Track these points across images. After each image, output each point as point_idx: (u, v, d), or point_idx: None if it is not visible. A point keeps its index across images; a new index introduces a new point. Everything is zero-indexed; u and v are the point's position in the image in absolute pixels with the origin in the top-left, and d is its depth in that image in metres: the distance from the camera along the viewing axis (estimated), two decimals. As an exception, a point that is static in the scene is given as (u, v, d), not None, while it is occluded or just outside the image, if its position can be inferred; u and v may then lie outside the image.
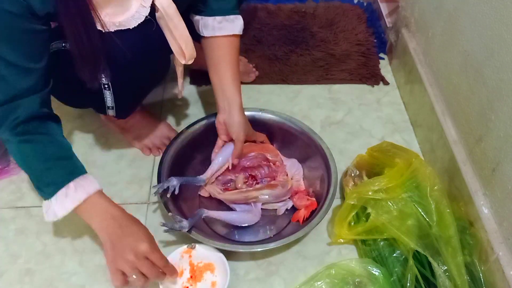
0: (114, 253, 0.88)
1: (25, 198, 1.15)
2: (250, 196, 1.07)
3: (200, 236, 0.98)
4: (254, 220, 1.07)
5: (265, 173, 1.13)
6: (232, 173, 1.12)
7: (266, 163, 1.13)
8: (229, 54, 1.06)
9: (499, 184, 0.91)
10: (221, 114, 1.07)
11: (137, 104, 1.17)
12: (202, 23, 1.05)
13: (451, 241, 0.93)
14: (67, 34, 0.81)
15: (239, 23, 1.06)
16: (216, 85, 1.07)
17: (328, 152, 1.11)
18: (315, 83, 1.45)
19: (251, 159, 1.12)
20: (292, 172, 1.14)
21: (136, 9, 0.88)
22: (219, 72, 1.06)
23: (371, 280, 0.94)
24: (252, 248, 1.01)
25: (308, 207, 1.07)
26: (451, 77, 1.11)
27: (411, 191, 0.99)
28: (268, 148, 1.15)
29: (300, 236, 1.00)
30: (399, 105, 1.39)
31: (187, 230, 0.96)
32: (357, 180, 1.13)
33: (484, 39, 0.96)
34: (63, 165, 0.91)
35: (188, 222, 0.96)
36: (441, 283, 0.90)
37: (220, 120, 1.08)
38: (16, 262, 1.04)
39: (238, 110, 1.05)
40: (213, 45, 1.06)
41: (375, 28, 1.63)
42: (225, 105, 1.06)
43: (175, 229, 0.96)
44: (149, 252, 0.87)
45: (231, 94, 1.05)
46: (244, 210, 1.08)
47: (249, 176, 1.13)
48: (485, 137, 0.96)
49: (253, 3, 1.69)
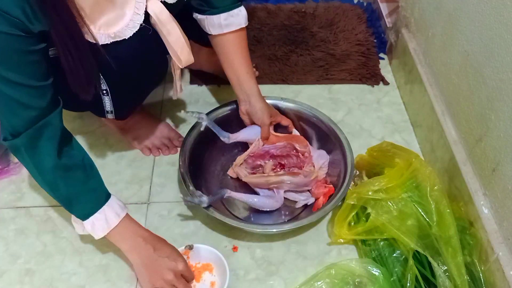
0: (150, 273, 0.94)
1: (25, 198, 1.15)
2: (270, 180, 1.09)
3: (217, 214, 1.00)
4: (275, 206, 1.09)
5: (293, 162, 1.15)
6: (262, 159, 1.15)
7: (295, 153, 1.15)
8: (239, 47, 1.09)
9: (499, 184, 0.91)
10: (242, 105, 1.12)
11: (136, 106, 1.17)
12: (208, 22, 1.06)
13: (451, 241, 0.93)
14: (58, 51, 0.80)
15: (243, 15, 1.07)
16: (233, 79, 1.11)
17: (346, 142, 1.13)
18: (315, 83, 1.44)
19: (280, 148, 1.15)
20: (319, 163, 1.15)
21: (131, 17, 0.87)
22: (233, 66, 1.10)
23: (371, 280, 0.94)
24: (266, 228, 1.04)
25: (326, 194, 1.09)
26: (451, 77, 1.11)
27: (411, 191, 0.99)
28: (298, 139, 1.17)
29: (314, 220, 1.03)
30: (399, 105, 1.39)
31: (205, 206, 0.98)
32: (357, 180, 1.13)
33: (484, 39, 0.96)
34: (93, 188, 0.93)
35: (208, 198, 0.98)
36: (441, 283, 0.90)
37: (243, 111, 1.13)
38: (16, 262, 1.04)
39: (257, 98, 1.10)
40: (223, 41, 1.08)
41: (375, 28, 1.63)
42: (244, 97, 1.11)
43: (195, 203, 0.98)
44: (186, 270, 0.95)
45: (248, 85, 1.10)
46: (267, 195, 1.10)
47: (278, 164, 1.15)
48: (485, 137, 0.96)
49: (253, 3, 1.69)
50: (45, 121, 0.85)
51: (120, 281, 1.01)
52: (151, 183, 1.18)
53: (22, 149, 0.86)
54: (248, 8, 1.64)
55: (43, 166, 0.88)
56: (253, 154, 1.14)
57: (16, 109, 0.82)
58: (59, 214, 1.12)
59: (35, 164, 0.88)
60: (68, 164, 0.90)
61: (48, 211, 1.12)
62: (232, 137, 1.13)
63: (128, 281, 1.01)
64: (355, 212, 1.04)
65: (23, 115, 0.83)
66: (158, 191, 1.17)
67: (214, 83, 1.42)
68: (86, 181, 0.92)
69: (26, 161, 0.88)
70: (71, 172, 0.90)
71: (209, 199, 0.99)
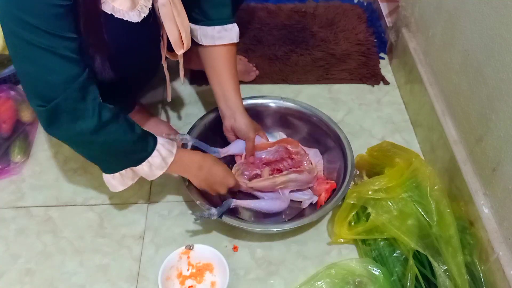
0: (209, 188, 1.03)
1: (25, 198, 1.15)
2: (278, 181, 1.08)
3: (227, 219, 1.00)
4: (283, 207, 1.09)
5: (288, 165, 1.15)
6: (257, 167, 1.14)
7: (288, 155, 1.15)
8: (228, 62, 1.09)
9: (500, 183, 0.91)
10: (227, 121, 1.12)
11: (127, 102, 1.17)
12: (201, 32, 1.07)
13: (451, 241, 0.93)
14: (82, 21, 0.80)
15: (236, 31, 1.09)
16: (219, 94, 1.11)
17: (346, 142, 1.13)
18: (315, 83, 1.44)
19: (273, 153, 1.15)
20: (315, 161, 1.16)
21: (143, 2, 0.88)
22: (221, 81, 1.10)
23: (372, 280, 0.94)
24: (266, 228, 1.04)
25: (328, 189, 1.09)
26: (451, 76, 1.11)
27: (411, 191, 0.99)
28: (287, 140, 1.17)
29: (314, 220, 1.03)
30: (399, 105, 1.39)
31: (216, 218, 0.98)
32: (357, 180, 1.13)
33: (484, 39, 0.96)
34: (140, 132, 0.93)
35: (217, 210, 0.98)
36: (441, 282, 0.90)
37: (228, 127, 1.13)
38: (16, 262, 1.04)
39: (243, 114, 1.11)
40: (213, 54, 1.09)
41: (375, 27, 1.63)
42: (229, 113, 1.11)
43: (204, 216, 0.98)
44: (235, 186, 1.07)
45: (233, 101, 1.10)
46: (272, 197, 1.10)
47: (274, 170, 1.15)
48: (486, 136, 0.96)
49: (253, 3, 1.69)
50: (85, 79, 0.82)
51: (120, 281, 1.01)
52: (151, 182, 1.18)
53: (63, 113, 0.82)
54: (248, 8, 1.66)
55: (87, 127, 0.85)
56: (248, 164, 1.14)
57: (54, 64, 0.79)
58: (59, 214, 1.12)
59: (78, 129, 0.84)
60: (109, 118, 0.87)
61: (48, 211, 1.12)
62: (222, 151, 1.13)
63: (128, 281, 1.01)
64: (355, 212, 1.04)
65: (62, 70, 0.80)
66: (158, 190, 1.17)
67: (214, 83, 1.42)
68: (132, 128, 0.91)
69: (66, 127, 0.84)
70: (115, 123, 0.88)
71: (218, 210, 0.99)
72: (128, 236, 1.08)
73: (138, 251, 1.06)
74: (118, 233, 1.08)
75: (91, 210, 1.13)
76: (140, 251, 1.06)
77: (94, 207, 1.13)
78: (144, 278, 1.01)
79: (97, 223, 1.10)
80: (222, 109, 1.12)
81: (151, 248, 1.06)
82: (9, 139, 1.21)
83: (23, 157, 1.21)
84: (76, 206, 1.13)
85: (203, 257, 1.00)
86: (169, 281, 0.97)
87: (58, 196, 1.15)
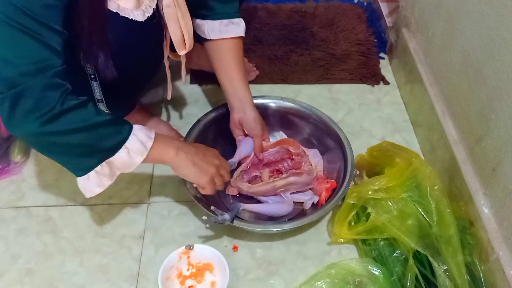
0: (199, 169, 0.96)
1: (25, 198, 1.15)
2: (278, 185, 1.08)
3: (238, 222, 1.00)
4: (289, 210, 1.09)
5: (288, 166, 1.15)
6: (256, 169, 1.14)
7: (288, 156, 1.15)
8: (236, 55, 1.09)
9: (500, 183, 0.91)
10: (236, 113, 1.10)
11: (128, 101, 1.17)
12: (208, 27, 1.07)
13: (451, 241, 0.93)
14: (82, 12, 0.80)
15: (243, 26, 1.09)
16: (227, 87, 1.10)
17: (346, 142, 1.13)
18: (315, 82, 1.44)
19: (273, 154, 1.15)
20: (315, 162, 1.16)
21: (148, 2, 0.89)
22: (229, 74, 1.09)
23: (372, 280, 0.94)
24: (266, 228, 1.04)
25: (329, 188, 1.09)
26: (451, 76, 1.11)
27: (411, 190, 0.99)
28: (288, 141, 1.17)
29: (314, 219, 1.03)
30: (399, 104, 1.39)
31: (229, 222, 0.98)
32: (357, 180, 1.13)
33: (484, 39, 0.96)
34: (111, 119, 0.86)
35: (229, 214, 0.98)
36: (441, 282, 0.90)
37: (235, 119, 1.11)
38: (16, 262, 1.04)
39: (252, 107, 1.09)
40: (220, 47, 1.09)
41: (375, 27, 1.63)
42: (239, 105, 1.09)
43: (218, 222, 0.97)
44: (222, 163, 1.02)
45: (243, 93, 1.09)
46: (277, 201, 1.10)
47: (274, 170, 1.15)
48: (486, 136, 0.96)
49: (253, 3, 1.69)
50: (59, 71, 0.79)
51: (120, 281, 1.01)
52: (151, 182, 1.18)
53: (29, 99, 0.76)
54: (248, 8, 1.66)
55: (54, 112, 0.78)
56: (253, 166, 1.14)
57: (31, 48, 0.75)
58: (59, 214, 1.12)
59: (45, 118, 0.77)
60: (76, 103, 0.81)
61: (48, 211, 1.12)
62: (235, 159, 1.12)
63: (128, 281, 1.01)
64: (355, 212, 1.04)
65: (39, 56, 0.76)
66: (158, 190, 1.17)
67: (214, 83, 1.41)
68: (104, 113, 0.86)
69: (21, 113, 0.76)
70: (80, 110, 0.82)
71: (230, 215, 0.99)
72: (128, 236, 1.08)
73: (138, 251, 1.06)
74: (118, 233, 1.08)
75: (91, 210, 1.13)
76: (140, 251, 1.06)
77: (94, 207, 1.13)
78: (144, 278, 1.01)
79: (97, 223, 1.10)
80: (231, 101, 1.10)
81: (151, 248, 1.06)
82: (9, 139, 1.21)
83: (23, 157, 1.21)
84: (76, 206, 1.13)
85: (203, 257, 1.00)
86: (169, 281, 0.97)
87: (58, 196, 1.15)
